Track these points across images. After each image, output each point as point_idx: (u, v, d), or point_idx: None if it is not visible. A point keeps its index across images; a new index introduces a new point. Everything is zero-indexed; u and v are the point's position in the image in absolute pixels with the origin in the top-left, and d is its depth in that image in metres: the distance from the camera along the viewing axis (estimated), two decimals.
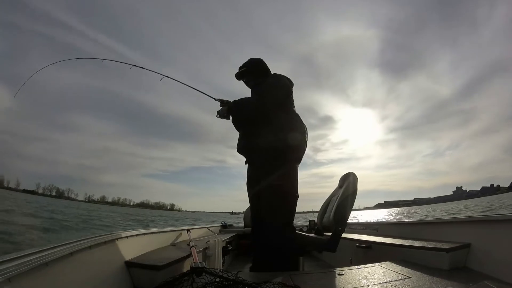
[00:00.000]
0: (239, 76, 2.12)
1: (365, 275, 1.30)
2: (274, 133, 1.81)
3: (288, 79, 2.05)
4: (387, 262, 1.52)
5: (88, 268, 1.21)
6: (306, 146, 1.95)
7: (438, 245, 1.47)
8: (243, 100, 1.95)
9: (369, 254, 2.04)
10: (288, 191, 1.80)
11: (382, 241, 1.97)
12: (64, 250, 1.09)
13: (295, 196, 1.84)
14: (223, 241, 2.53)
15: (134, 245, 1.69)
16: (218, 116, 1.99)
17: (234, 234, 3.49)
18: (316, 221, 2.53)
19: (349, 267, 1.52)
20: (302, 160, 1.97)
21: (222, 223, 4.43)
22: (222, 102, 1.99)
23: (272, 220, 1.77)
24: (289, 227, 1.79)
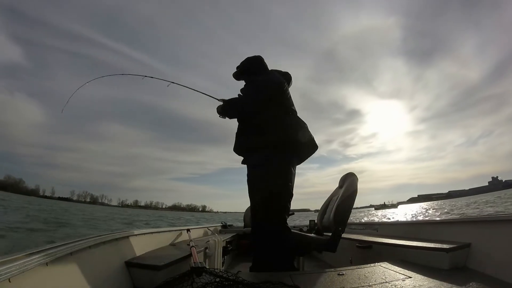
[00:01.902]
0: (236, 76, 2.12)
1: (365, 275, 1.30)
2: (267, 132, 1.80)
3: (285, 73, 2.03)
4: (387, 262, 1.52)
5: (88, 268, 1.21)
6: (306, 144, 1.90)
7: (438, 245, 1.47)
8: (231, 100, 1.95)
9: (369, 254, 2.04)
10: (281, 192, 1.78)
11: (382, 241, 1.97)
12: (64, 250, 1.09)
13: (289, 196, 1.83)
14: (223, 241, 2.53)
15: (134, 245, 1.69)
16: (220, 116, 2.00)
17: (234, 234, 3.48)
18: (316, 221, 2.53)
19: (349, 267, 1.52)
20: (315, 157, 1.95)
21: (222, 223, 4.42)
22: (224, 102, 2.00)
23: (265, 219, 1.76)
24: (283, 227, 1.78)
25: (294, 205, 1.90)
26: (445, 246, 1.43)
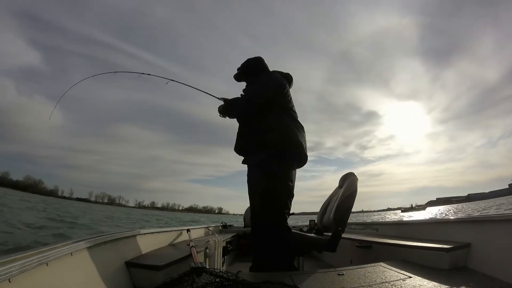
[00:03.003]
0: (237, 78, 2.11)
1: (365, 275, 1.30)
2: (268, 133, 1.80)
3: (286, 75, 2.03)
4: (387, 262, 1.52)
5: (88, 268, 1.21)
6: (304, 146, 1.90)
7: (438, 245, 1.47)
8: (232, 100, 1.95)
9: (369, 254, 2.04)
10: (281, 192, 1.78)
11: (382, 241, 1.97)
12: (64, 250, 1.09)
13: (290, 196, 1.83)
14: (223, 241, 2.53)
15: (134, 245, 1.69)
16: (220, 115, 2.00)
17: (234, 234, 3.48)
18: (316, 221, 2.53)
19: (349, 267, 1.52)
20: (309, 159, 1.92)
21: (222, 223, 4.42)
22: (225, 101, 2.00)
23: (265, 219, 1.76)
24: (283, 227, 1.78)
25: (309, 207, 1.89)
26: (445, 246, 1.43)
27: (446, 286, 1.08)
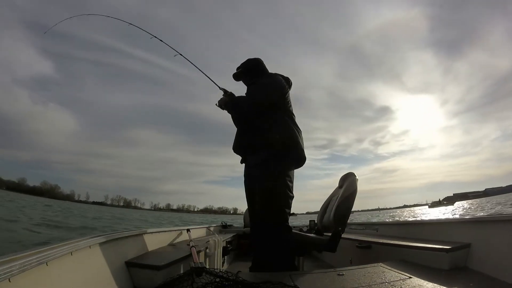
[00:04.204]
0: (236, 77, 2.11)
1: (365, 275, 1.30)
2: (269, 133, 1.81)
3: (286, 78, 2.04)
4: (387, 262, 1.52)
5: (88, 268, 1.21)
6: (303, 148, 1.91)
7: (438, 245, 1.47)
8: (239, 98, 1.95)
9: (369, 254, 2.04)
10: (281, 192, 1.79)
11: (382, 241, 1.97)
12: (64, 250, 1.09)
13: (290, 196, 1.83)
14: (223, 241, 2.53)
15: (134, 245, 1.69)
16: (217, 105, 1.98)
17: (234, 234, 3.48)
18: (316, 221, 2.53)
19: (349, 267, 1.52)
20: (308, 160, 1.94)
21: (222, 223, 4.42)
22: (226, 93, 1.99)
23: (265, 220, 1.76)
24: (283, 227, 1.78)
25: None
26: (445, 246, 1.43)
27: (446, 287, 1.08)
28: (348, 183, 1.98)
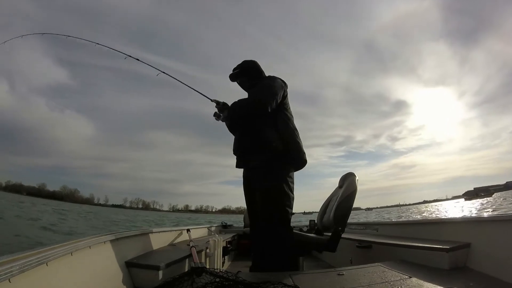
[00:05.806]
0: (233, 77, 2.10)
1: (365, 275, 1.30)
2: (270, 135, 1.81)
3: (283, 80, 2.05)
4: (387, 262, 1.52)
5: (88, 268, 1.21)
6: (304, 151, 1.92)
7: (438, 245, 1.47)
8: (241, 101, 1.94)
9: (369, 254, 2.04)
10: (282, 192, 1.79)
11: (382, 241, 1.97)
12: (64, 250, 1.09)
13: (291, 197, 1.83)
14: (223, 241, 2.53)
15: (134, 245, 1.69)
16: (216, 118, 1.98)
17: (234, 234, 3.49)
18: (316, 221, 2.53)
19: (349, 267, 1.52)
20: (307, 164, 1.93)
21: (222, 223, 4.43)
22: (218, 104, 1.98)
23: (266, 221, 1.76)
24: (285, 227, 1.78)
25: None
26: (445, 246, 1.42)
27: (446, 286, 1.08)
28: (348, 183, 1.98)
